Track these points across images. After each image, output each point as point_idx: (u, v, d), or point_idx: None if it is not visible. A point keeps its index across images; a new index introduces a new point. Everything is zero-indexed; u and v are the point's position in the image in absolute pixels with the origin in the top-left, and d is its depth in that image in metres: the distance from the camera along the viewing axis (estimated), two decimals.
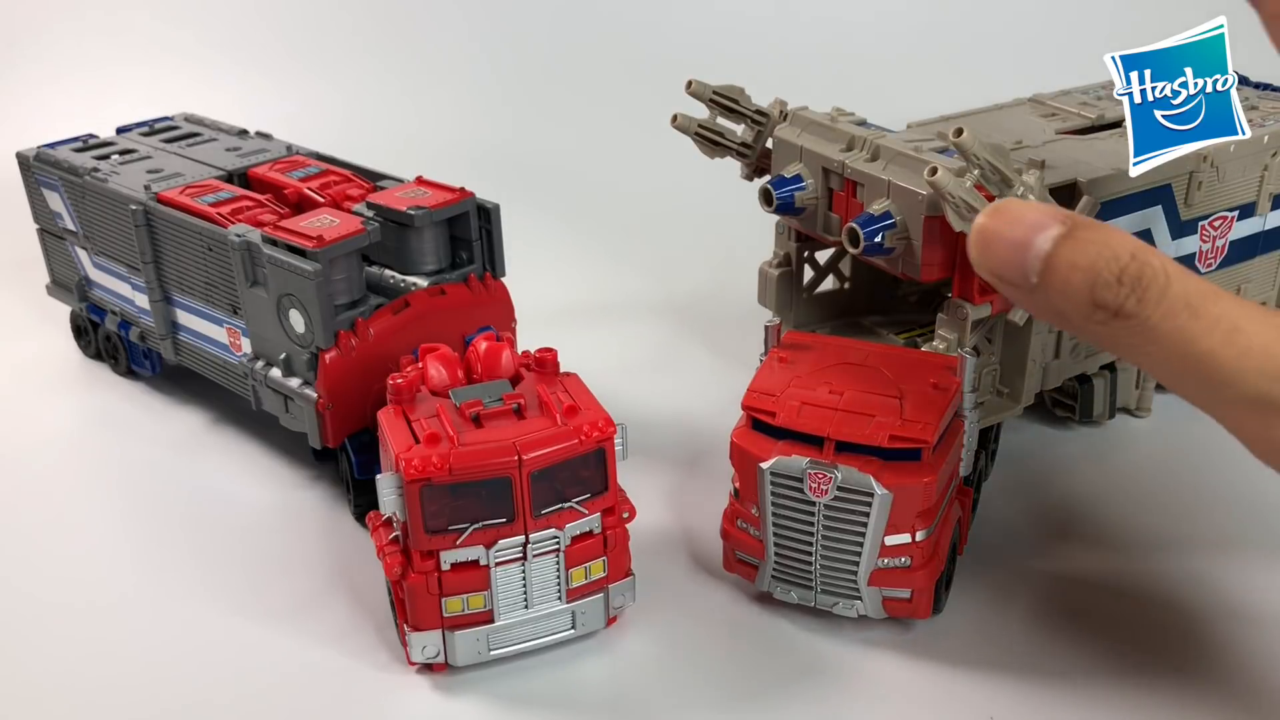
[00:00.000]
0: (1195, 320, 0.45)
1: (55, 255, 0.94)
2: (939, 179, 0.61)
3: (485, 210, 0.76)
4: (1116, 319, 0.45)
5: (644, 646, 0.64)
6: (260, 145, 0.91)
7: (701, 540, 0.72)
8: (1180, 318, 0.45)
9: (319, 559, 0.72)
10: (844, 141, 0.73)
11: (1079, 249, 0.46)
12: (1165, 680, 0.61)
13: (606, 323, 1.01)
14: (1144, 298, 0.45)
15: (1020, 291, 0.48)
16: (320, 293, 0.69)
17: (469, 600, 0.59)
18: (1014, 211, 0.48)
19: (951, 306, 0.69)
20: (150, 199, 0.81)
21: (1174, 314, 0.45)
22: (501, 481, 0.57)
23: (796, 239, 0.82)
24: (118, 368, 0.93)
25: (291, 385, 0.73)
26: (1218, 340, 0.44)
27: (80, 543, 0.74)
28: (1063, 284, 0.46)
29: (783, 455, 0.60)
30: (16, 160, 0.92)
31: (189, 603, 0.68)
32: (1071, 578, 0.69)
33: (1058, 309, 0.47)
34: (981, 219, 0.48)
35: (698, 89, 0.80)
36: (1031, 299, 0.48)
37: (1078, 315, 0.46)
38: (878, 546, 0.61)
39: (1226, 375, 0.44)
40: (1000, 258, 0.48)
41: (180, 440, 0.84)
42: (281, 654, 0.64)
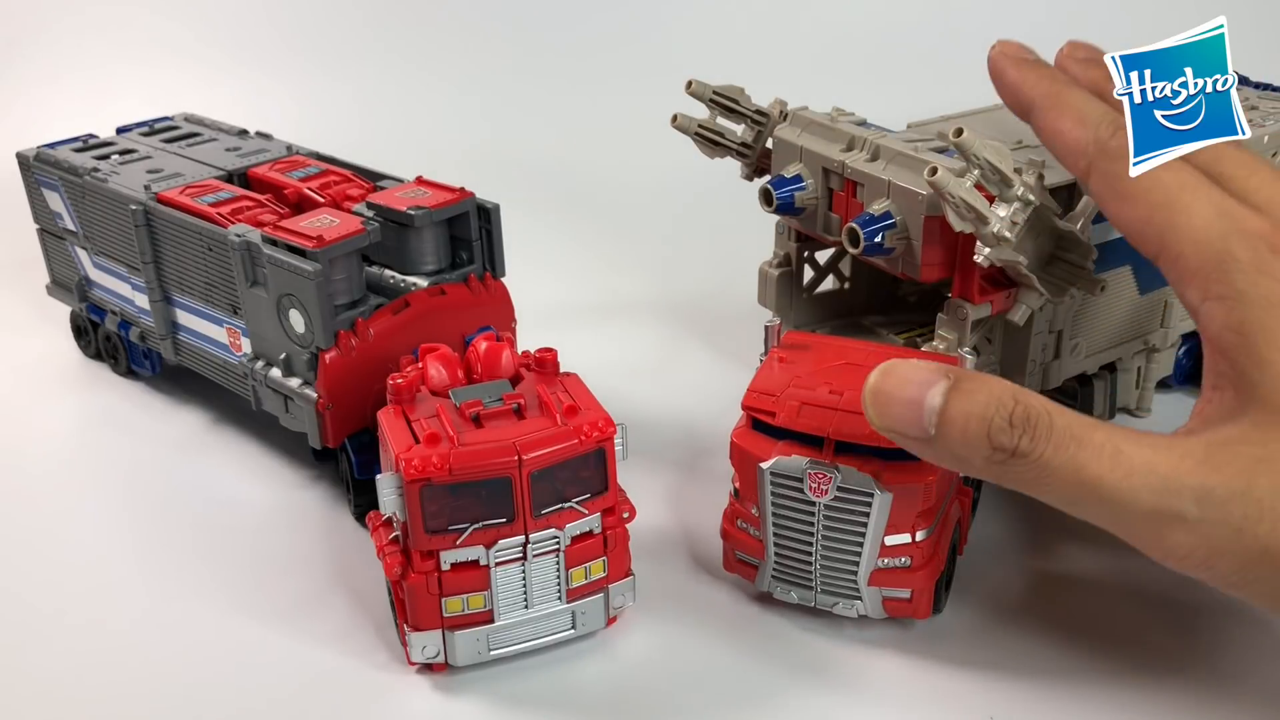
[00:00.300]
0: (1082, 449, 0.49)
1: (55, 255, 0.94)
2: (939, 179, 0.61)
3: (485, 210, 0.76)
4: (1013, 458, 0.49)
5: (644, 646, 0.64)
6: (260, 145, 0.91)
7: (701, 540, 0.72)
8: (1069, 449, 0.49)
9: (319, 559, 0.72)
10: (844, 141, 0.73)
11: (968, 399, 0.50)
12: (1165, 680, 0.61)
13: (606, 323, 1.01)
14: (1035, 436, 0.49)
15: (920, 443, 0.52)
16: (320, 293, 0.69)
17: (469, 600, 0.59)
18: (901, 372, 0.52)
19: (951, 306, 0.69)
20: (150, 199, 0.81)
21: (1063, 447, 0.49)
22: (501, 481, 0.57)
23: (796, 239, 0.82)
24: (118, 368, 0.93)
25: (291, 385, 0.73)
26: (1105, 465, 0.49)
27: (80, 542, 0.74)
28: (961, 433, 0.50)
29: (783, 455, 0.60)
30: (16, 160, 0.92)
31: (189, 602, 0.68)
32: (1071, 578, 0.69)
33: (959, 455, 0.51)
34: (873, 380, 0.52)
35: (698, 89, 0.80)
36: (931, 449, 0.51)
37: (978, 458, 0.50)
38: (878, 547, 0.61)
39: (1118, 496, 0.49)
40: (896, 415, 0.51)
41: (180, 440, 0.84)
42: (281, 654, 0.64)
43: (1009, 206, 0.63)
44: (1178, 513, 0.48)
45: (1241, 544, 0.48)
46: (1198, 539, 0.48)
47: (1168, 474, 0.48)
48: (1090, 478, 0.49)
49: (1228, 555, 0.48)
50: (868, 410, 0.52)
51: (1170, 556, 0.49)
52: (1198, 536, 0.48)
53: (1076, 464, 0.49)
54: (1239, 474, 0.48)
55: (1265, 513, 0.48)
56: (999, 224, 0.63)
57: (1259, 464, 0.48)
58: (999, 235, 0.63)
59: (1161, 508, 0.48)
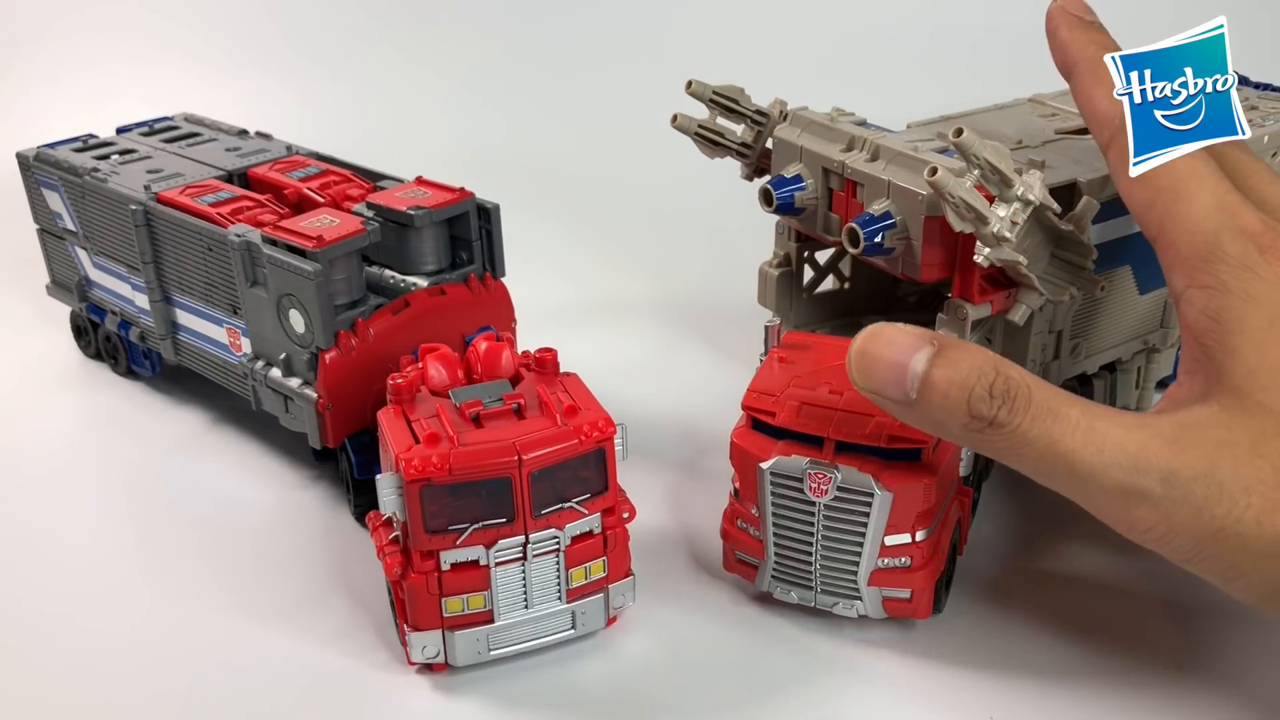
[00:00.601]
0: (1057, 424, 0.51)
1: (55, 255, 0.94)
2: (939, 179, 0.61)
3: (485, 210, 0.76)
4: (991, 428, 0.51)
5: (644, 646, 0.64)
6: (260, 145, 0.91)
7: (701, 540, 0.72)
8: (1045, 422, 0.51)
9: (319, 559, 0.72)
10: (844, 141, 0.73)
11: (951, 366, 0.52)
12: (1164, 679, 0.61)
13: (606, 323, 1.01)
14: (1013, 408, 0.51)
15: (900, 406, 0.53)
16: (320, 293, 0.69)
17: (469, 600, 0.59)
18: (888, 335, 0.53)
19: (951, 306, 0.69)
20: (150, 199, 0.81)
21: (1039, 419, 0.51)
22: (501, 481, 0.57)
23: (796, 239, 0.82)
24: (118, 368, 0.93)
25: (291, 385, 0.73)
26: (1079, 440, 0.51)
27: (79, 543, 0.74)
28: (941, 399, 0.52)
29: (783, 455, 0.60)
30: (16, 160, 0.92)
31: (189, 602, 0.68)
32: (1071, 578, 0.69)
33: (937, 420, 0.52)
34: (859, 342, 0.53)
35: (698, 89, 0.80)
36: (911, 412, 0.53)
37: (956, 425, 0.52)
38: (878, 547, 0.61)
39: (1089, 470, 0.51)
40: (880, 378, 0.53)
41: (180, 440, 0.84)
42: (281, 654, 0.64)
43: (1009, 206, 0.63)
44: (1144, 490, 0.50)
45: (1199, 523, 0.50)
46: (1159, 515, 0.50)
47: (1137, 453, 0.50)
48: (1063, 451, 0.51)
49: (1185, 532, 0.51)
50: (851, 371, 0.54)
51: (1133, 530, 0.52)
52: (1160, 513, 0.50)
53: (1051, 438, 0.51)
54: (1203, 457, 0.50)
55: (1224, 495, 0.50)
56: (999, 224, 0.63)
57: (1222, 448, 0.51)
58: (999, 235, 0.63)
59: (1129, 485, 0.50)
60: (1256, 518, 0.49)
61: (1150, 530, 0.51)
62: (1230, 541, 0.50)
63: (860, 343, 0.53)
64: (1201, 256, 0.54)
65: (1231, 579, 0.52)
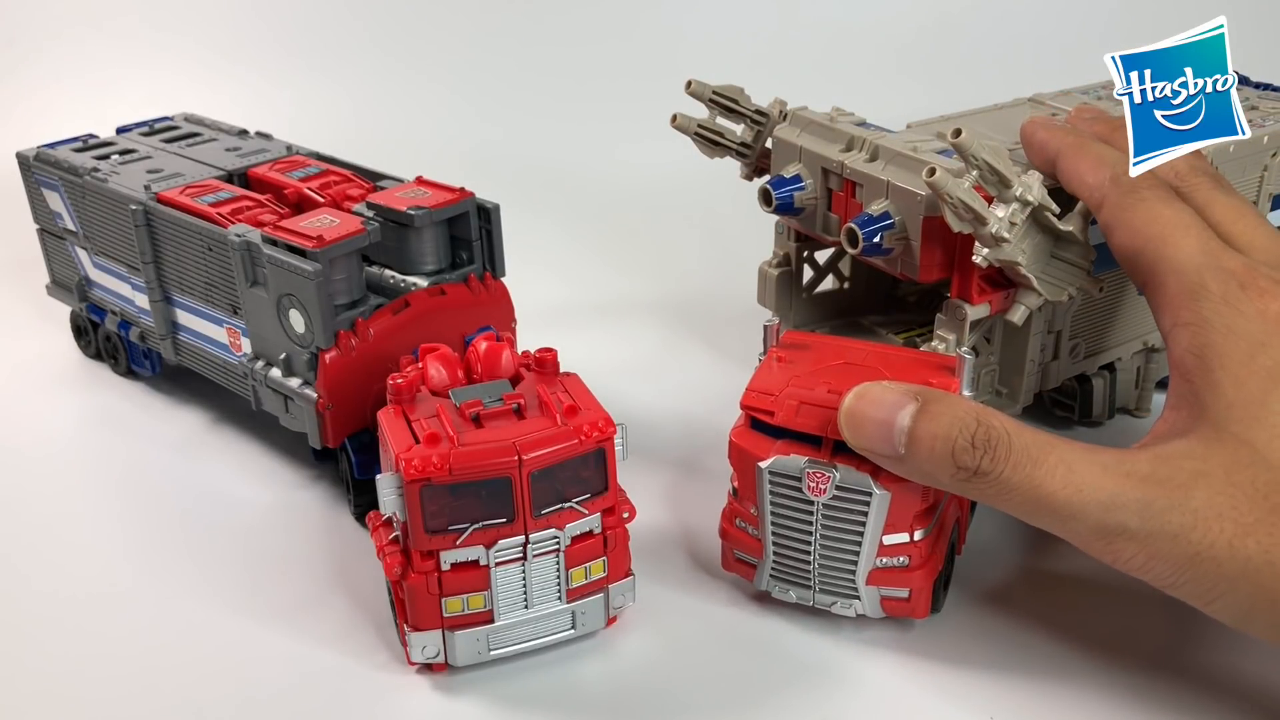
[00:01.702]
0: (1037, 469, 0.54)
1: (55, 255, 0.94)
2: (937, 180, 0.61)
3: (485, 210, 0.76)
4: (976, 476, 0.54)
5: (644, 646, 0.64)
6: (260, 145, 0.91)
7: (701, 540, 0.72)
8: (1025, 469, 0.54)
9: (319, 559, 0.72)
10: (843, 142, 0.73)
11: (934, 420, 0.55)
12: (1164, 680, 0.61)
13: (606, 323, 1.01)
14: (995, 456, 0.54)
15: (891, 460, 0.56)
16: (320, 293, 0.69)
17: (469, 600, 0.59)
18: (874, 394, 0.57)
19: (950, 307, 0.69)
20: (150, 199, 0.81)
21: (1020, 466, 0.54)
22: (501, 481, 0.57)
23: (796, 239, 0.82)
24: (118, 368, 0.93)
25: (291, 385, 0.73)
26: (1058, 483, 0.53)
27: (80, 542, 0.74)
28: (928, 452, 0.55)
29: (781, 454, 0.60)
30: (16, 160, 0.92)
31: (189, 602, 0.68)
32: (1071, 577, 0.69)
33: (926, 472, 0.56)
34: (848, 403, 0.57)
35: (697, 89, 0.80)
36: (902, 465, 0.56)
37: (945, 475, 0.55)
38: (876, 546, 0.61)
39: (1070, 511, 0.53)
40: (870, 436, 0.56)
41: (180, 440, 0.84)
42: (281, 654, 0.64)
43: (1007, 207, 0.63)
44: (1122, 525, 0.53)
45: (1176, 549, 0.52)
46: (1139, 546, 0.53)
47: (1114, 489, 0.53)
48: (1045, 495, 0.53)
49: (1164, 559, 0.53)
50: (843, 430, 0.57)
51: (1116, 562, 0.54)
52: (1139, 544, 0.53)
53: (1033, 482, 0.53)
54: (1178, 487, 0.53)
55: (1198, 521, 0.52)
56: (997, 224, 0.63)
57: (1197, 478, 0.53)
58: (997, 236, 0.63)
59: (1108, 521, 0.53)
60: (1229, 542, 0.51)
61: (1131, 560, 0.53)
62: (1206, 566, 0.52)
63: (849, 403, 0.57)
64: (1187, 295, 0.57)
65: (1210, 601, 0.53)
